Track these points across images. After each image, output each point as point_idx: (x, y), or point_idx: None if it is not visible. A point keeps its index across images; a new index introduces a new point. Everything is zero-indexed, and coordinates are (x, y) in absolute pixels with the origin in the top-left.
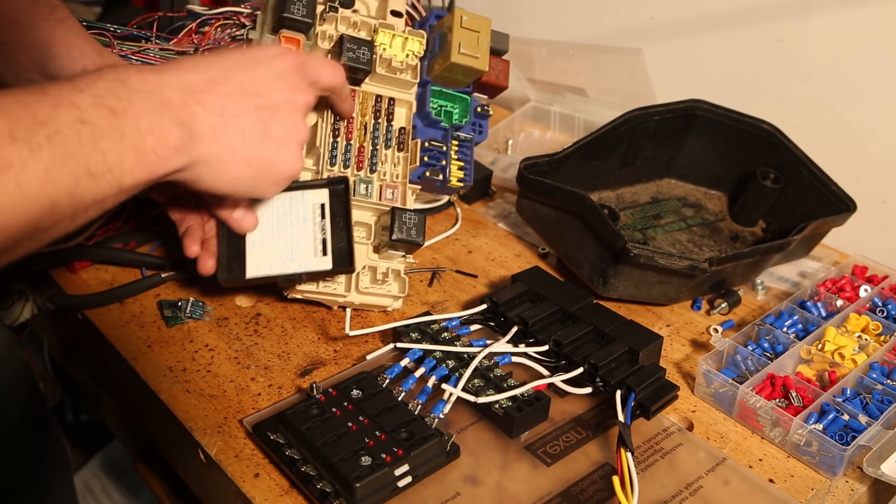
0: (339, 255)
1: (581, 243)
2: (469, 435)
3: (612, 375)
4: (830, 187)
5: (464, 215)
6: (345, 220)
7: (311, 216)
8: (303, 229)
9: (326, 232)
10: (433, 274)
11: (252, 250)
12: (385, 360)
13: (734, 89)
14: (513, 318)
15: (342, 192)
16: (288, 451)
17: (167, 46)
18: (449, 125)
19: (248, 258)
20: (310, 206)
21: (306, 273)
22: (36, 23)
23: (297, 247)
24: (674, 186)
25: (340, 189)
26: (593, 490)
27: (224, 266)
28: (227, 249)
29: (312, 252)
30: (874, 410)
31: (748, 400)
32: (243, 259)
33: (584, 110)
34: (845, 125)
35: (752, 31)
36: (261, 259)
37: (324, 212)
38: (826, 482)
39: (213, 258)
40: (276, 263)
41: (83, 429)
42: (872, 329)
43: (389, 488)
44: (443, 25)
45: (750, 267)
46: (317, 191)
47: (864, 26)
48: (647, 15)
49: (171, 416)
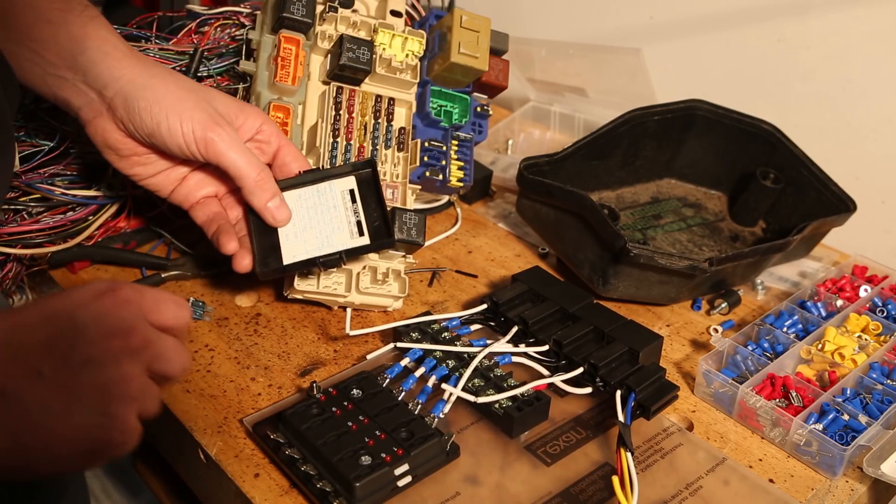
0: (376, 232)
1: (581, 243)
2: (469, 435)
3: (612, 375)
4: (830, 187)
5: (464, 215)
6: (377, 200)
7: (342, 202)
8: (335, 216)
9: (360, 214)
10: (433, 274)
11: (286, 242)
12: (385, 359)
13: (734, 89)
14: (513, 318)
15: (370, 175)
16: (288, 451)
17: (167, 46)
18: (449, 125)
19: (283, 248)
20: (338, 193)
21: (345, 251)
22: (68, 19)
23: (332, 232)
24: (674, 186)
25: (367, 174)
26: (593, 490)
27: (260, 260)
28: (260, 244)
29: (348, 234)
30: (874, 410)
31: (748, 400)
32: (279, 251)
33: (584, 110)
34: (845, 125)
35: (752, 31)
36: (297, 248)
37: (353, 196)
38: (826, 482)
39: (250, 255)
40: (312, 249)
41: None
42: (872, 329)
43: (389, 488)
44: (442, 25)
45: (750, 267)
46: (343, 178)
47: (864, 26)
48: (647, 15)
49: (171, 416)
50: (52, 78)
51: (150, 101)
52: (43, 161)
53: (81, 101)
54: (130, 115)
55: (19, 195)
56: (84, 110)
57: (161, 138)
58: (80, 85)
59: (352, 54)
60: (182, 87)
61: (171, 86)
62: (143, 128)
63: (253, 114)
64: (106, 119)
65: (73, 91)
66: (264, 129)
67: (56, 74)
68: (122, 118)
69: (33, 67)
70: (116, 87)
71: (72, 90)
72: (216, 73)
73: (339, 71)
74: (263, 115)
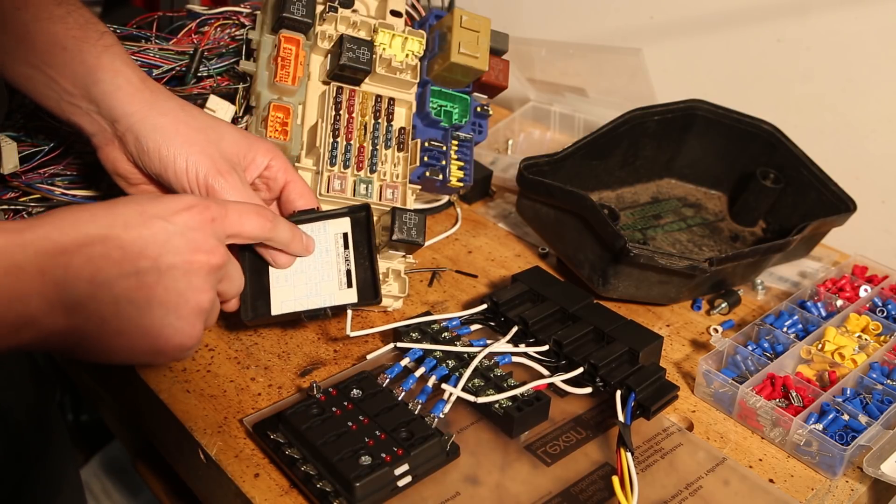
0: (364, 287)
1: (581, 243)
2: (469, 435)
3: (612, 375)
4: (830, 187)
5: (464, 215)
6: (368, 249)
7: (334, 247)
8: (326, 261)
9: (350, 262)
10: (433, 274)
11: (276, 286)
12: (385, 359)
13: (734, 89)
14: (513, 318)
15: (364, 219)
16: (288, 451)
17: (167, 46)
18: (449, 125)
19: (272, 294)
20: (332, 236)
21: (331, 308)
22: (84, 48)
23: (321, 280)
24: (674, 186)
25: (362, 217)
26: (593, 490)
27: (248, 305)
28: (252, 286)
29: (337, 284)
30: (874, 410)
31: (748, 400)
32: (268, 296)
33: (584, 110)
34: (845, 125)
35: (752, 31)
36: (286, 295)
37: (346, 241)
38: (826, 482)
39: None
40: (300, 298)
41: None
42: (872, 329)
43: (389, 488)
44: (442, 25)
45: (750, 267)
46: (338, 220)
47: (864, 26)
48: (647, 15)
49: (171, 416)
50: (67, 105)
51: (158, 143)
52: (43, 161)
53: (94, 129)
54: (140, 153)
55: (19, 195)
56: (97, 137)
57: (167, 180)
58: (94, 115)
59: (352, 54)
60: (192, 128)
61: (180, 127)
62: (152, 167)
63: (263, 150)
64: (117, 149)
65: (86, 119)
66: (273, 166)
67: (71, 102)
68: (132, 152)
69: (49, 92)
70: (127, 124)
71: (85, 118)
72: (216, 73)
73: (339, 71)
74: (274, 150)
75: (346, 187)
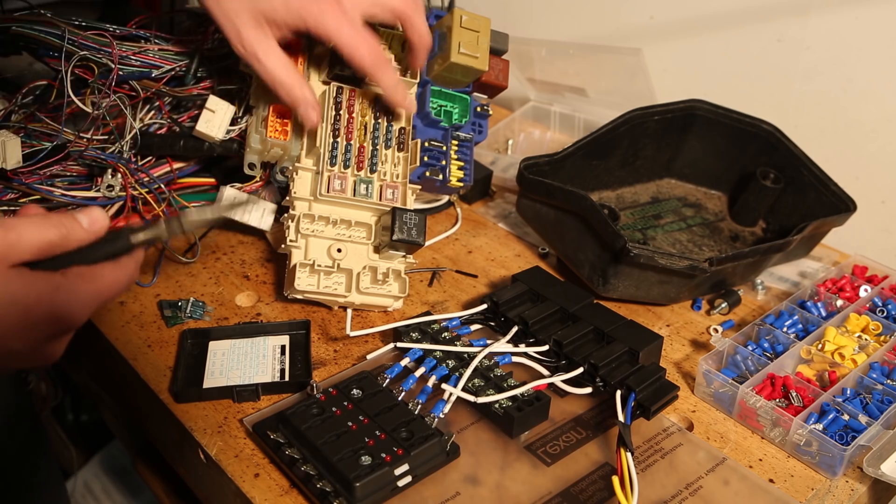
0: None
1: (581, 243)
2: (469, 435)
3: (612, 375)
4: (830, 187)
5: (464, 215)
6: (304, 355)
7: (271, 354)
8: (262, 363)
9: (286, 364)
10: (433, 274)
11: (210, 378)
12: (385, 359)
13: (734, 89)
14: (513, 318)
15: (303, 337)
16: (288, 451)
17: (167, 46)
18: (449, 125)
19: (205, 380)
20: (270, 347)
21: (262, 385)
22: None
23: (255, 374)
24: (674, 186)
25: (301, 335)
26: (593, 490)
27: (181, 387)
28: (185, 376)
29: (270, 378)
30: (874, 410)
31: (748, 400)
32: (201, 383)
33: (584, 110)
34: (845, 125)
35: (752, 31)
36: (219, 382)
37: (283, 350)
38: (826, 482)
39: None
40: (233, 379)
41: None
42: (872, 329)
43: (389, 488)
44: (442, 25)
45: (750, 267)
46: (278, 336)
47: (864, 26)
48: (647, 15)
49: (171, 416)
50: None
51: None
52: (43, 162)
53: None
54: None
55: (19, 196)
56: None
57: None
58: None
59: None
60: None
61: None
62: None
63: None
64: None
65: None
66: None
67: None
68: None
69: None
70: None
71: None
72: (216, 73)
73: (340, 71)
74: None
75: (346, 187)
